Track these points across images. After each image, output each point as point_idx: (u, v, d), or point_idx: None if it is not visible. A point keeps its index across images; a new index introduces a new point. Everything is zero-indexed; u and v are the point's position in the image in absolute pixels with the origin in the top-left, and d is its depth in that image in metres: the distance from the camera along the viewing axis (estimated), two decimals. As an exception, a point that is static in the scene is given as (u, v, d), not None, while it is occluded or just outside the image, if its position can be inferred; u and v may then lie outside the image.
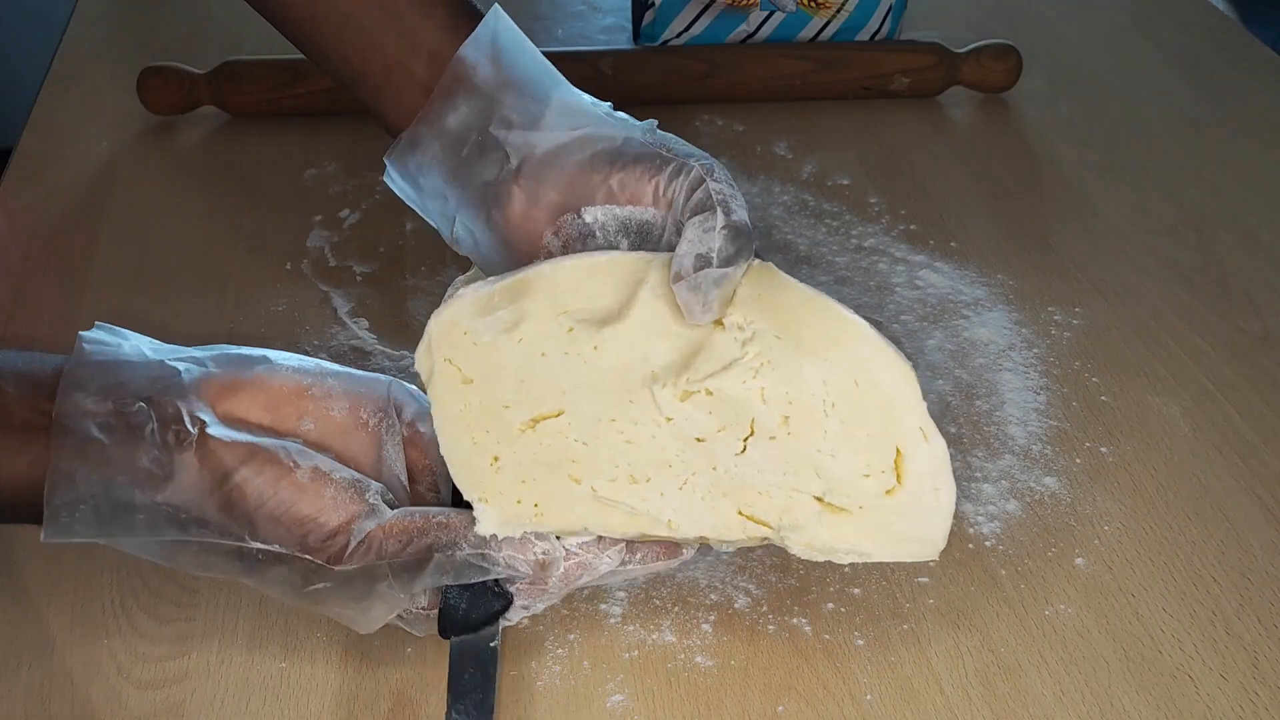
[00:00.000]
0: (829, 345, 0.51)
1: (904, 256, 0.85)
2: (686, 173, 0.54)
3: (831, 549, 0.54)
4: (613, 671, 0.59)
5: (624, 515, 0.53)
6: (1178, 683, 0.59)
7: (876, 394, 0.52)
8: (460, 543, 0.52)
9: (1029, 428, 0.72)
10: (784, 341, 0.51)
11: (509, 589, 0.53)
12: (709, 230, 0.51)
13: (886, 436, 0.52)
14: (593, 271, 0.52)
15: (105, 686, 0.58)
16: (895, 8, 1.01)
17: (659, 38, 1.02)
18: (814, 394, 0.51)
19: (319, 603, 0.53)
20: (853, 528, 0.53)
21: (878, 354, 0.52)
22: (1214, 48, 1.12)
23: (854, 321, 0.51)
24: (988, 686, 0.58)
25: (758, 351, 0.51)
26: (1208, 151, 0.97)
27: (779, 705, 0.57)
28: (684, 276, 0.51)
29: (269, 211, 0.85)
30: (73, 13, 1.12)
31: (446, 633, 0.54)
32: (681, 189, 0.54)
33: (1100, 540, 0.65)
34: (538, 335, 0.52)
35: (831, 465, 0.52)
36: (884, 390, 0.52)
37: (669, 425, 0.52)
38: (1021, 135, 0.99)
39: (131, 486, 0.50)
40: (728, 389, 0.51)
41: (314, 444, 0.53)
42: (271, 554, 0.51)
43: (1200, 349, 0.78)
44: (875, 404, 0.52)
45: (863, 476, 0.53)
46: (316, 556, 0.51)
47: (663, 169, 0.54)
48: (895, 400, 0.52)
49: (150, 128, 0.97)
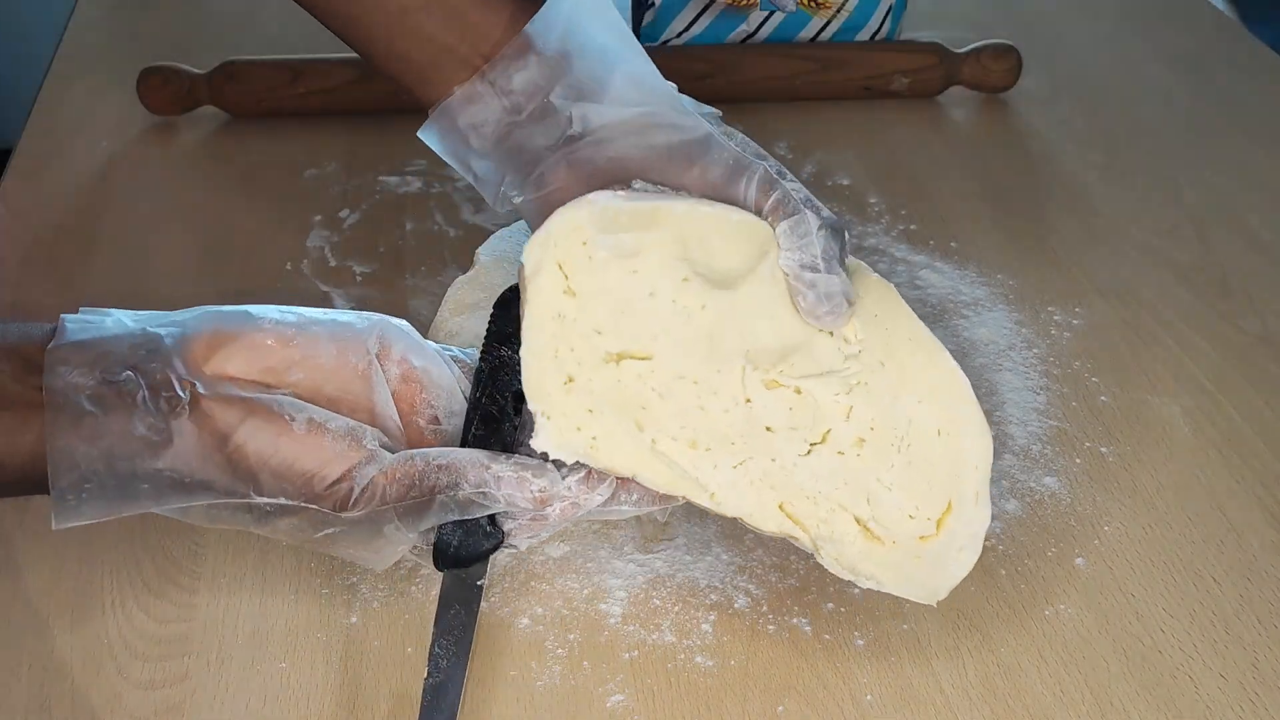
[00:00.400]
0: (929, 391, 0.53)
1: (904, 256, 0.85)
2: (757, 174, 0.55)
3: (855, 571, 0.55)
4: (613, 671, 0.59)
5: (672, 474, 0.53)
6: (1178, 683, 0.59)
7: (953, 449, 0.53)
8: (461, 482, 0.53)
9: (1029, 428, 0.72)
10: (887, 370, 0.53)
11: (502, 528, 0.54)
12: (805, 235, 0.52)
13: (945, 489, 0.54)
14: (724, 227, 0.52)
15: (105, 686, 0.58)
16: (895, 8, 1.01)
17: (659, 38, 1.02)
18: (896, 429, 0.53)
19: (329, 546, 0.54)
20: (878, 558, 0.55)
21: (970, 416, 0.53)
22: (1214, 48, 1.12)
23: (960, 378, 0.53)
24: (988, 687, 0.58)
25: (858, 370, 0.52)
26: (1208, 151, 0.97)
27: (779, 705, 0.57)
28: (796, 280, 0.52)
29: (269, 211, 0.85)
30: (73, 13, 1.12)
31: (441, 565, 0.55)
32: (753, 189, 0.54)
33: (1100, 540, 0.65)
34: (653, 273, 0.52)
35: (885, 497, 0.54)
36: (961, 449, 0.54)
37: (746, 406, 0.53)
38: (1021, 135, 0.99)
39: (131, 457, 0.50)
40: (816, 394, 0.52)
41: (305, 394, 0.53)
42: (279, 506, 0.52)
43: (1200, 349, 0.78)
44: (948, 458, 0.54)
45: (908, 517, 0.54)
46: (322, 505, 0.52)
47: (743, 171, 0.55)
48: (967, 461, 0.54)
49: (150, 128, 0.97)
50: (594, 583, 0.63)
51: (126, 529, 0.65)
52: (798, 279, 0.52)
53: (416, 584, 0.62)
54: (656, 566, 0.64)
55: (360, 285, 0.82)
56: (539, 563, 0.64)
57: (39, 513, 0.66)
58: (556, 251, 0.52)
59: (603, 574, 0.63)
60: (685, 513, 0.66)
